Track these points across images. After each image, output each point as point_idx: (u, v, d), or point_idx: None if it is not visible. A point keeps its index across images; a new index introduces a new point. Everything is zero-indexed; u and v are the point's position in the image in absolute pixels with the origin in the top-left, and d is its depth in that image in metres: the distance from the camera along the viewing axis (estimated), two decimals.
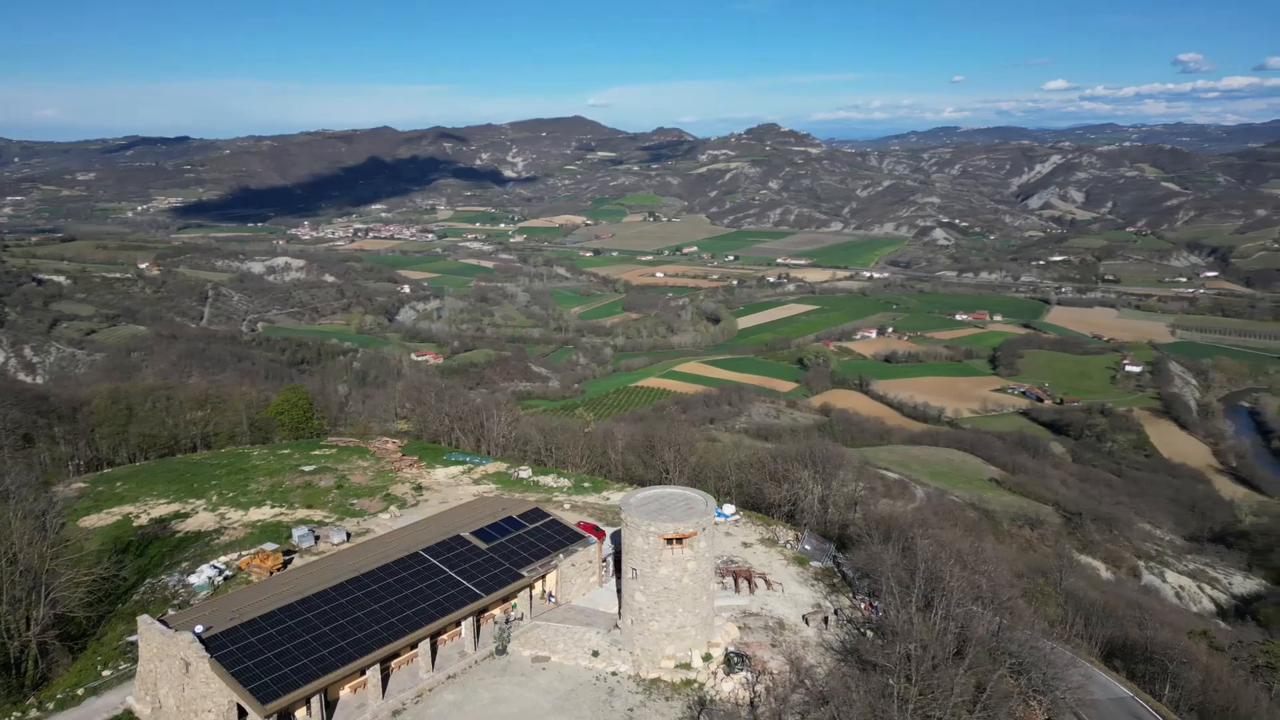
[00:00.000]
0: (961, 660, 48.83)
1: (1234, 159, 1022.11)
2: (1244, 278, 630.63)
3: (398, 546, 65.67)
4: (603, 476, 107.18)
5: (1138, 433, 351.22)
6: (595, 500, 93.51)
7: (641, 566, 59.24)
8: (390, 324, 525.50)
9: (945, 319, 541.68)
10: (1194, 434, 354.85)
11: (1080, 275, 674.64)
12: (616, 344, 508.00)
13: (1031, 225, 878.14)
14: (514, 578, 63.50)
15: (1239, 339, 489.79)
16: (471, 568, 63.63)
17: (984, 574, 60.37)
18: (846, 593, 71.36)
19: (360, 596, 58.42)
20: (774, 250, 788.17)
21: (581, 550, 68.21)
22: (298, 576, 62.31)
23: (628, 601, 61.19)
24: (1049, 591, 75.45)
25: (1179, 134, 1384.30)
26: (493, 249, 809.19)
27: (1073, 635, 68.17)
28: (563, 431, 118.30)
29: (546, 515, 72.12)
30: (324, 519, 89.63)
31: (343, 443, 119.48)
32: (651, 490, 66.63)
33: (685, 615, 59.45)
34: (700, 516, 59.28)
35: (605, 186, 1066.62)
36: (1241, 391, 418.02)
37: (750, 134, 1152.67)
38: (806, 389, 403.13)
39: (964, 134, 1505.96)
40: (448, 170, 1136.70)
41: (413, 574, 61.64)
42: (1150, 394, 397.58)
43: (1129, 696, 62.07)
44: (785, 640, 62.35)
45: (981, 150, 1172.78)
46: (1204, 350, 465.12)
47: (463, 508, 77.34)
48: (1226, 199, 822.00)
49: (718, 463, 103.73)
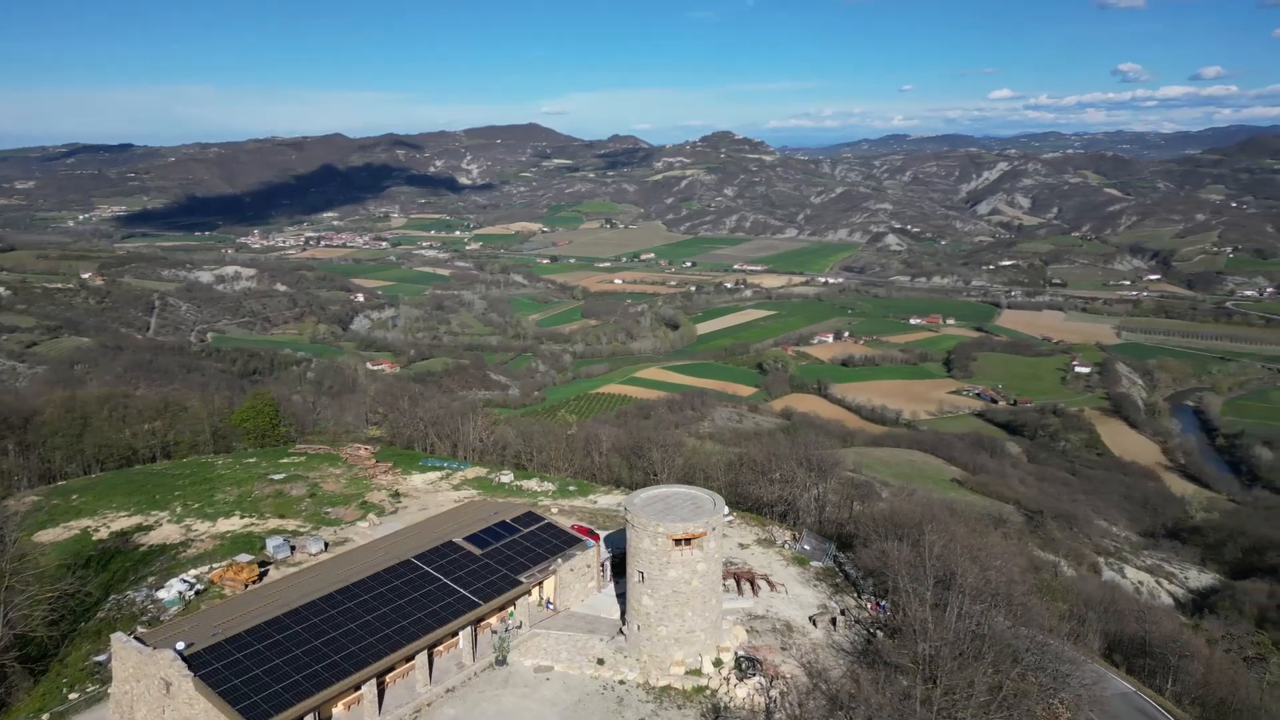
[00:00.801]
0: (982, 659, 47.89)
1: (1173, 165, 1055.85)
2: (1185, 280, 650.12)
3: (387, 554, 62.79)
4: (587, 479, 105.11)
5: (1089, 432, 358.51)
6: (583, 504, 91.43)
7: (649, 569, 57.19)
8: (344, 333, 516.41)
9: (900, 323, 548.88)
10: (1143, 433, 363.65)
11: (1029, 279, 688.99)
12: (576, 351, 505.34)
13: (981, 230, 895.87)
14: (512, 584, 60.87)
15: (1182, 340, 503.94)
16: (467, 575, 60.82)
17: (995, 569, 59.61)
18: (850, 593, 70.26)
19: (352, 607, 55.46)
20: (731, 257, 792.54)
21: (580, 554, 65.80)
22: (282, 588, 59.23)
23: (634, 606, 59.10)
24: (1056, 587, 75.29)
25: (1119, 141, 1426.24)
26: (448, 256, 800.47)
27: (1074, 631, 67.85)
28: (543, 435, 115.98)
29: (541, 519, 69.75)
30: (299, 528, 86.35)
31: (312, 450, 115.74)
32: (655, 490, 64.78)
33: (695, 619, 57.49)
34: (709, 516, 57.52)
35: (561, 194, 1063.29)
36: (1186, 391, 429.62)
37: (705, 142, 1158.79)
38: (766, 393, 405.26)
39: (914, 141, 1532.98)
40: (401, 178, 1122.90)
41: (405, 582, 58.68)
42: (1099, 394, 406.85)
43: (1132, 691, 61.93)
44: (795, 643, 60.85)
45: (931, 157, 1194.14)
46: (1149, 351, 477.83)
47: (452, 512, 74.65)
48: (1166, 204, 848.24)
49: (706, 463, 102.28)
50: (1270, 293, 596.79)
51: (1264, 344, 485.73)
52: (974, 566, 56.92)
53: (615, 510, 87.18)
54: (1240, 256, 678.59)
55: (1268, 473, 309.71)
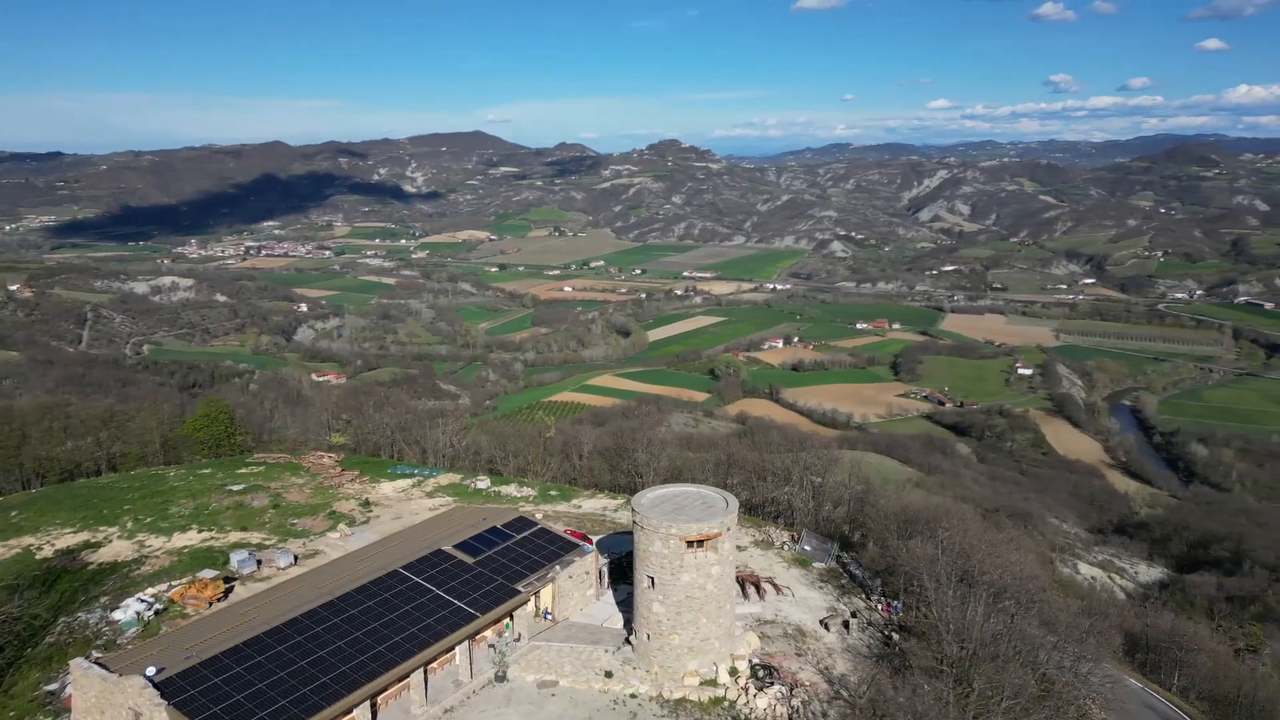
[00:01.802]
0: (1014, 659, 46.27)
1: (1104, 173, 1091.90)
2: (1118, 284, 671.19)
3: (373, 565, 58.75)
4: (568, 483, 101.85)
5: (1035, 432, 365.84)
6: (566, 509, 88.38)
7: (660, 574, 53.86)
8: (288, 344, 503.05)
9: (847, 328, 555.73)
10: (1085, 432, 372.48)
11: (970, 284, 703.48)
12: (527, 359, 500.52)
13: (923, 237, 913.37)
14: (510, 594, 57.40)
15: (1117, 341, 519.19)
16: (461, 585, 57.25)
17: (1016, 565, 58.24)
18: (858, 594, 68.35)
19: (339, 623, 51.47)
20: (680, 264, 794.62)
21: (578, 560, 62.51)
22: (257, 605, 54.97)
23: (643, 614, 55.78)
24: (1068, 582, 74.59)
25: (1053, 150, 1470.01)
26: (394, 265, 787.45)
27: (1094, 627, 66.85)
28: (519, 438, 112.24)
29: (534, 523, 66.43)
30: (264, 541, 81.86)
31: (272, 459, 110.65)
32: (662, 489, 61.51)
33: (709, 626, 54.34)
34: (724, 515, 54.57)
35: (509, 201, 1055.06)
36: (1123, 391, 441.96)
37: (652, 150, 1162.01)
38: (719, 399, 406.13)
39: (856, 150, 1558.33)
40: (344, 186, 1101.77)
41: (395, 595, 54.84)
42: (1042, 395, 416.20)
43: (1139, 687, 61.25)
44: (809, 648, 58.46)
45: (874, 166, 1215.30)
46: (1086, 353, 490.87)
47: (439, 519, 70.89)
48: (1099, 210, 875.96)
49: (694, 464, 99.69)
50: (1200, 295, 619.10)
51: (1195, 345, 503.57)
52: (995, 563, 55.33)
53: (601, 514, 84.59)
54: (1170, 260, 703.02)
55: (1203, 469, 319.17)
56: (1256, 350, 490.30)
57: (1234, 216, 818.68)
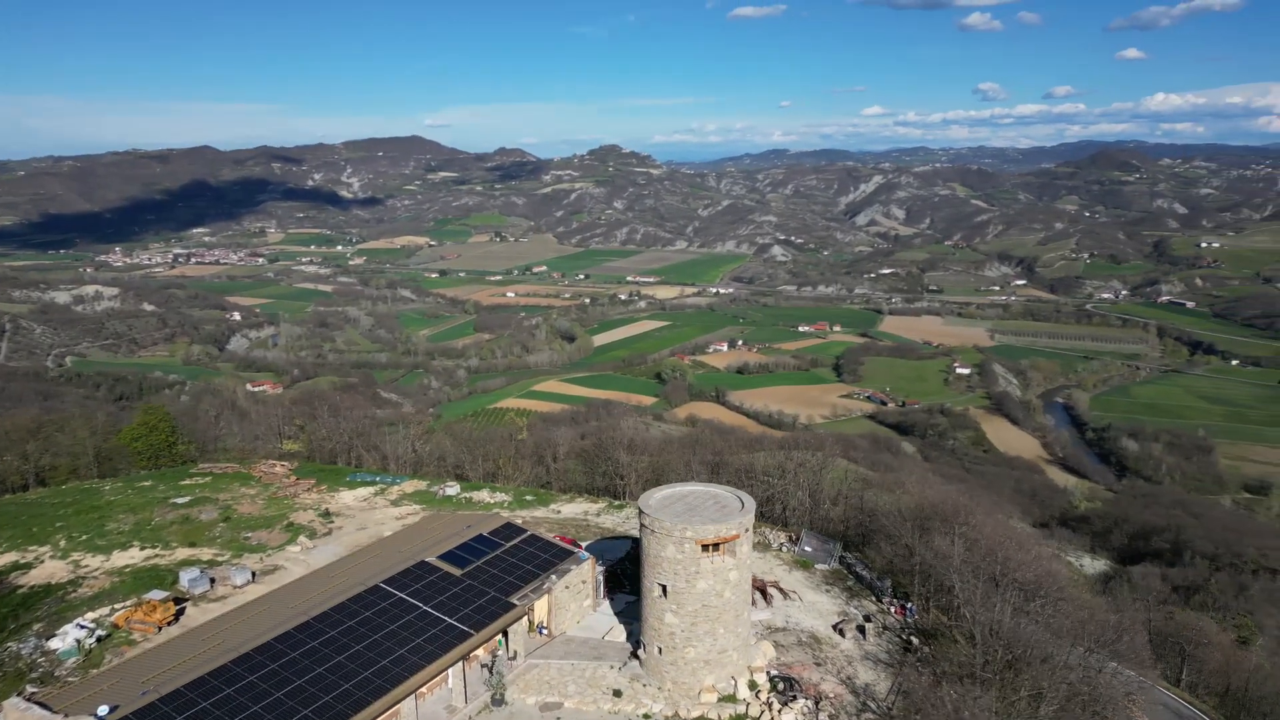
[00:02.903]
0: (1053, 662, 44.16)
1: (1031, 178, 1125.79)
2: (1048, 285, 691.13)
3: (348, 581, 53.84)
4: (542, 487, 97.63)
5: (975, 430, 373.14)
6: (545, 514, 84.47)
7: (674, 581, 50.05)
8: (221, 353, 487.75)
9: (790, 330, 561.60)
10: (1024, 429, 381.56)
11: (907, 286, 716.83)
12: (470, 366, 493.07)
13: (861, 241, 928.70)
14: (504, 608, 52.99)
15: (1049, 341, 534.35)
16: (450, 600, 52.74)
17: (1037, 562, 56.32)
18: (867, 597, 65.75)
19: (317, 648, 46.62)
20: (623, 269, 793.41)
21: (575, 569, 58.50)
22: (220, 629, 49.89)
23: (653, 625, 51.90)
24: (1081, 578, 73.24)
25: (982, 156, 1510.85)
26: (330, 272, 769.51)
27: (1119, 625, 65.36)
28: (488, 442, 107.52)
29: (522, 530, 62.27)
30: (215, 558, 76.24)
31: (219, 469, 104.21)
32: (670, 489, 57.65)
33: (727, 637, 50.53)
34: (741, 516, 51.03)
35: (448, 207, 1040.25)
36: (1056, 389, 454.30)
37: (593, 155, 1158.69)
38: (667, 402, 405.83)
39: (794, 156, 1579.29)
40: (278, 191, 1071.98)
41: (377, 613, 50.11)
42: (980, 394, 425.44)
43: (1147, 684, 60.08)
44: (826, 656, 55.48)
45: (811, 171, 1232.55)
46: (1020, 352, 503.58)
47: (416, 528, 66.26)
48: (1028, 214, 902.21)
49: (676, 464, 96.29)
50: (1125, 295, 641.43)
51: (1122, 343, 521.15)
52: (1020, 559, 53.31)
53: (583, 519, 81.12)
54: (1096, 262, 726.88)
55: (1135, 463, 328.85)
56: (1180, 348, 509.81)
57: (1155, 219, 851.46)
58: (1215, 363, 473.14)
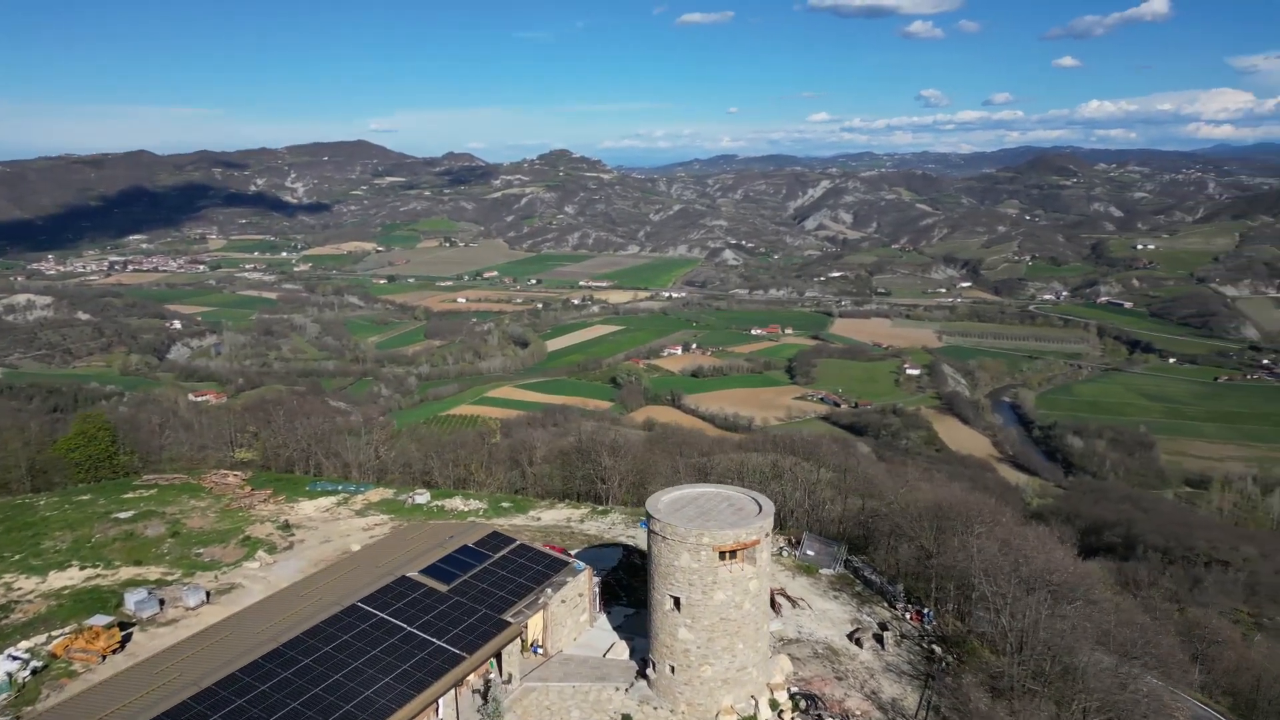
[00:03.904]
0: (1096, 671, 42.22)
1: (974, 182, 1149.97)
2: (992, 287, 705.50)
3: (320, 601, 49.44)
4: (517, 493, 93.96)
5: (928, 429, 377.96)
6: (524, 522, 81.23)
7: (689, 593, 46.38)
8: (161, 363, 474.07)
9: (742, 334, 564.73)
10: (974, 428, 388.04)
11: (856, 289, 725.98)
12: (421, 373, 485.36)
13: (810, 245, 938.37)
14: (498, 626, 49.07)
15: (994, 341, 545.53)
16: (437, 619, 48.62)
17: (1067, 564, 54.50)
18: (878, 603, 63.13)
19: (289, 679, 41.88)
20: (575, 273, 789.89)
21: (571, 581, 55.12)
22: (174, 658, 45.15)
23: (665, 641, 48.14)
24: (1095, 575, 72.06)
25: (925, 161, 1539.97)
26: (275, 279, 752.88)
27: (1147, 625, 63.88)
28: (458, 447, 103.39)
29: (511, 539, 58.68)
30: (165, 577, 71.41)
31: (165, 480, 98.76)
32: (679, 491, 54.06)
33: (746, 652, 47.05)
34: (760, 519, 47.69)
35: (396, 212, 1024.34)
36: (1003, 388, 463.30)
37: (543, 160, 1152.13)
38: (623, 406, 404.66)
39: (742, 161, 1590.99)
40: (219, 197, 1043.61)
41: (357, 636, 45.72)
42: (931, 394, 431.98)
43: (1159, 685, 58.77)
44: (847, 669, 52.50)
45: (760, 176, 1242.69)
46: (968, 352, 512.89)
47: (393, 540, 62.19)
48: (972, 218, 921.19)
49: (661, 465, 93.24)
50: (1066, 296, 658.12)
51: (1064, 343, 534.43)
52: (1046, 561, 51.39)
53: (565, 526, 78.14)
54: (1038, 264, 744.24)
55: (1080, 459, 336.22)
56: (1119, 346, 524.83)
57: (1092, 222, 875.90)
58: (1153, 361, 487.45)
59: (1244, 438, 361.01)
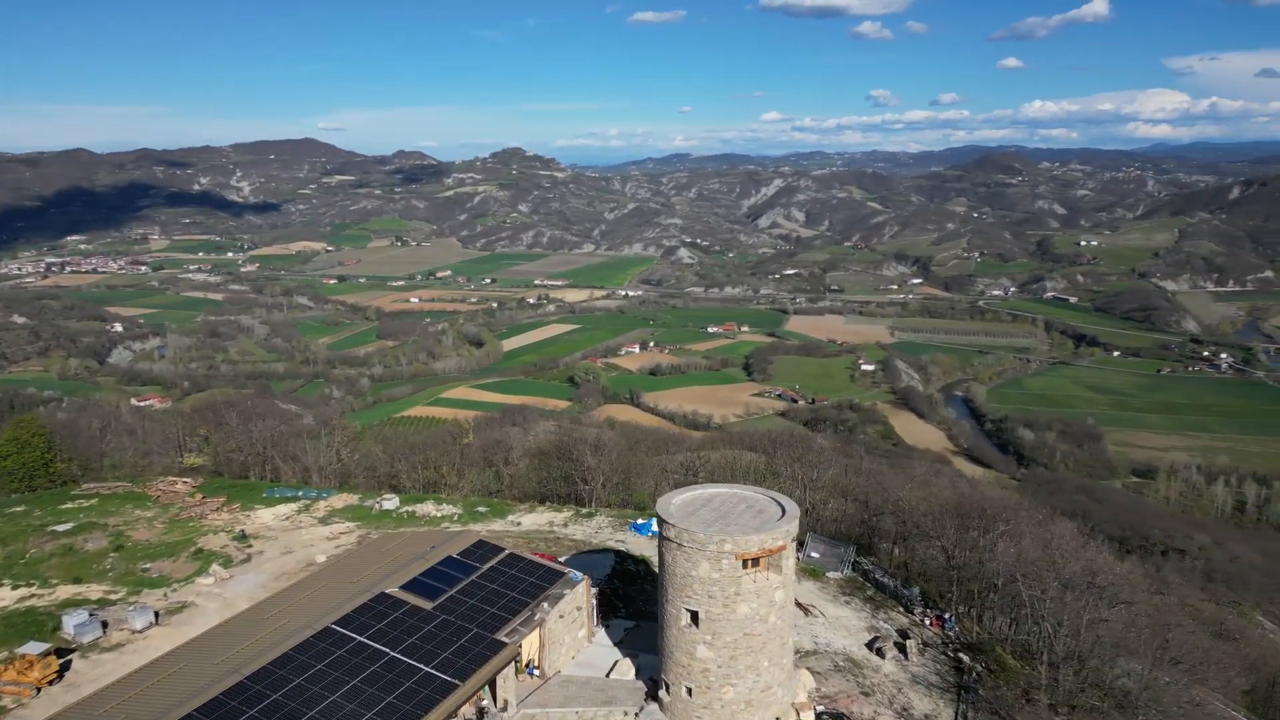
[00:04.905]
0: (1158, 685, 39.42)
1: (923, 181, 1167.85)
2: (942, 283, 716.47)
3: (288, 623, 44.02)
4: (493, 495, 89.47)
5: (884, 424, 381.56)
6: (504, 527, 77.06)
7: (709, 606, 41.64)
8: (101, 367, 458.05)
9: (699, 331, 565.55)
10: (929, 422, 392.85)
11: (810, 286, 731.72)
12: (374, 374, 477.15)
13: (764, 243, 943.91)
14: (494, 648, 43.52)
15: (946, 337, 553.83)
16: (423, 641, 42.92)
17: (1109, 566, 51.93)
18: (893, 608, 59.72)
19: (256, 717, 36.40)
20: (530, 272, 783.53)
21: (569, 594, 50.48)
22: (124, 694, 38.44)
23: (680, 661, 43.27)
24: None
25: (875, 160, 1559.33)
26: (221, 280, 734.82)
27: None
28: (427, 448, 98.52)
29: (499, 549, 53.58)
30: (107, 596, 65.87)
31: (107, 489, 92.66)
32: (691, 492, 49.22)
33: (772, 670, 42.46)
34: (785, 522, 43.15)
35: (346, 211, 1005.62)
36: (955, 383, 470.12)
37: (496, 158, 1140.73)
38: (581, 406, 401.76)
39: (695, 160, 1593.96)
40: (161, 197, 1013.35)
41: (333, 664, 39.64)
42: (885, 389, 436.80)
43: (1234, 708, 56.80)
44: (871, 683, 48.56)
45: (714, 175, 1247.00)
46: (920, 348, 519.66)
47: (367, 551, 57.12)
48: (922, 215, 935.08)
49: (645, 465, 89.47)
50: (1014, 292, 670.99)
51: (1013, 338, 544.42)
52: (1084, 562, 48.78)
53: (549, 531, 74.34)
54: (986, 261, 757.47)
55: (1031, 451, 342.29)
56: (1066, 341, 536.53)
57: (1037, 220, 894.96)
58: (1098, 354, 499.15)
59: (1187, 428, 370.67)
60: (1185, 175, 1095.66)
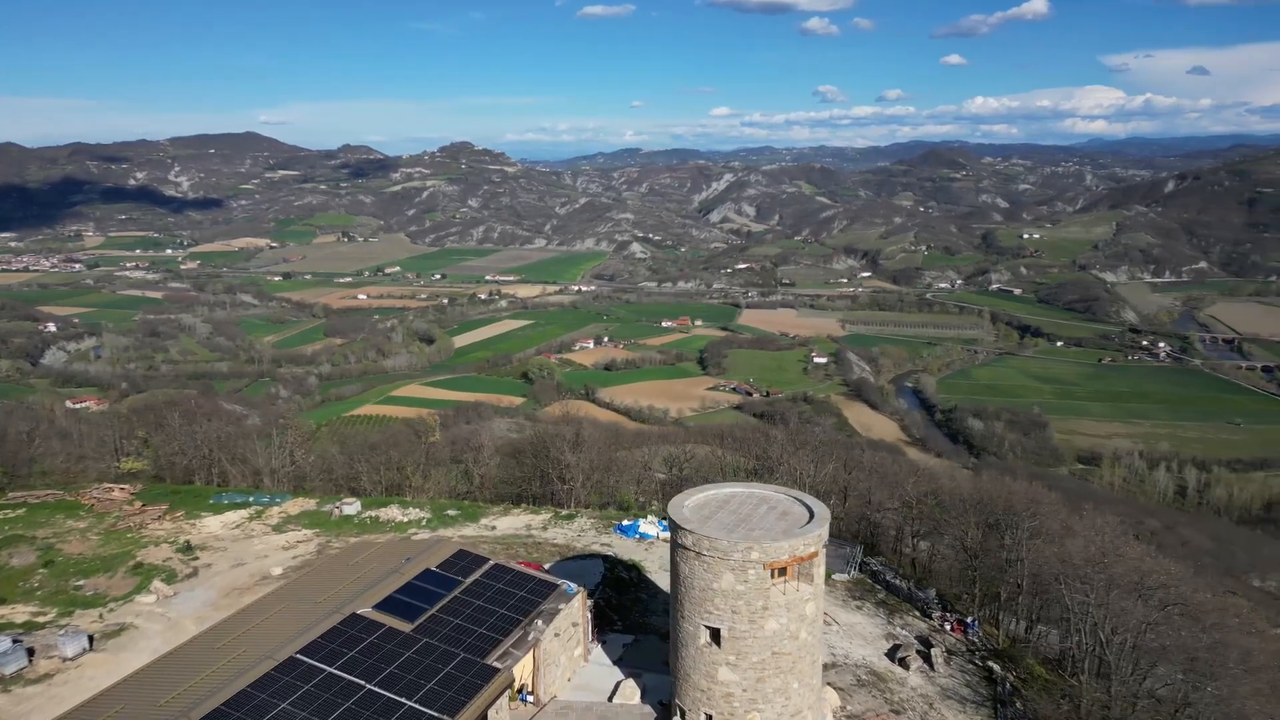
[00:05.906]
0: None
1: (870, 176, 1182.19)
2: (891, 276, 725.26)
3: (244, 651, 38.09)
4: (463, 498, 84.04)
5: (838, 415, 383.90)
6: (477, 532, 71.82)
7: (733, 622, 37.11)
8: (34, 369, 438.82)
9: (653, 326, 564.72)
10: (882, 413, 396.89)
11: (762, 280, 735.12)
12: (322, 372, 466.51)
13: (716, 237, 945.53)
14: (485, 675, 37.75)
15: (895, 329, 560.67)
16: (404, 670, 37.08)
17: (1158, 565, 48.91)
18: (908, 612, 55.88)
19: None
20: (481, 268, 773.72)
21: (564, 609, 44.59)
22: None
23: (699, 685, 38.47)
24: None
25: (823, 155, 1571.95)
26: (160, 278, 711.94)
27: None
28: (390, 447, 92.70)
29: (483, 559, 47.23)
30: (35, 618, 59.35)
31: (35, 498, 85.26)
32: (706, 492, 44.25)
33: (802, 693, 37.83)
34: (817, 526, 38.82)
35: (290, 206, 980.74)
36: (905, 374, 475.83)
37: (445, 152, 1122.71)
38: (536, 402, 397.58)
39: (646, 155, 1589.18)
40: (95, 192, 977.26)
41: (299, 702, 33.61)
42: (838, 381, 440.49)
43: None
44: (900, 698, 44.33)
45: (664, 170, 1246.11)
46: (870, 340, 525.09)
47: (330, 563, 50.86)
48: (870, 210, 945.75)
49: (627, 461, 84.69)
50: (960, 284, 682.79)
51: (961, 329, 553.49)
52: (1133, 561, 45.76)
53: (526, 535, 69.56)
54: (933, 254, 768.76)
55: (981, 441, 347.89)
56: (1011, 331, 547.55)
57: (981, 213, 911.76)
58: (1042, 345, 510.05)
59: (1128, 415, 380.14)
60: (1121, 170, 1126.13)
